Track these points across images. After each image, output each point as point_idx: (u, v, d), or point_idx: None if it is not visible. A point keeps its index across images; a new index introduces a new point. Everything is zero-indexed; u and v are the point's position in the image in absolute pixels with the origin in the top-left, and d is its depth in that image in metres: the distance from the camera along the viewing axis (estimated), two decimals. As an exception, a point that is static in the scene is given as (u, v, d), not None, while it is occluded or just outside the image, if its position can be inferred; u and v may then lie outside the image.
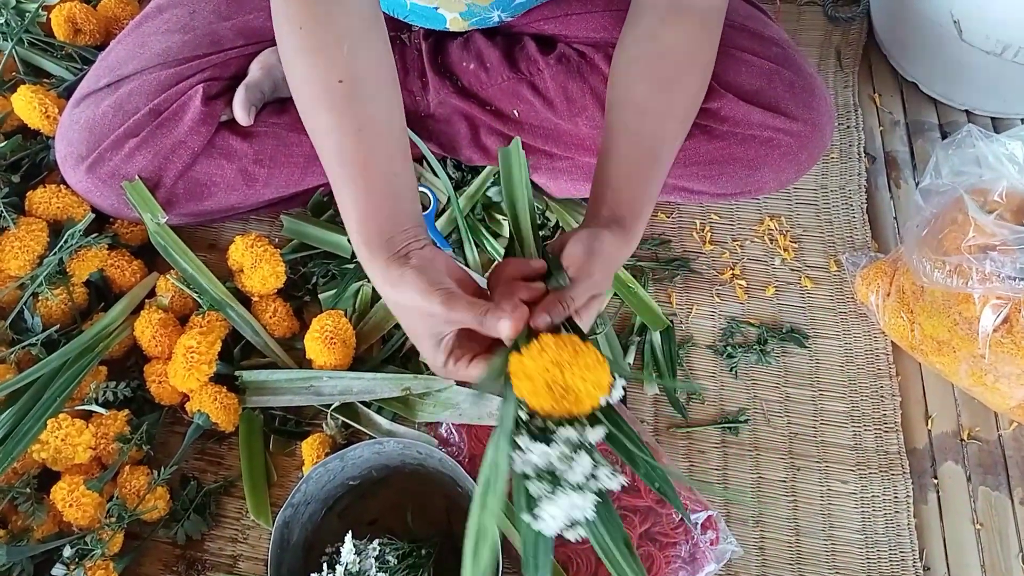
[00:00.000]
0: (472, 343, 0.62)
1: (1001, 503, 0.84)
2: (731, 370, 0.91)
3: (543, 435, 0.54)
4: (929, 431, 0.88)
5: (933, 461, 0.87)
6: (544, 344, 0.55)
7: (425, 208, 0.94)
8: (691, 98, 0.75)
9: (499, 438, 0.54)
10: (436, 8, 0.89)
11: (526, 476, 0.53)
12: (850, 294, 0.95)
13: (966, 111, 1.10)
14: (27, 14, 1.04)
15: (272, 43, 0.95)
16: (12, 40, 1.01)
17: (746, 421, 0.88)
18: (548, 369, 0.54)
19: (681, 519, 0.79)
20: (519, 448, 0.53)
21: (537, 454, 0.52)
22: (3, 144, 0.94)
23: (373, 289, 0.92)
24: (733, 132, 0.87)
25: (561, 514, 0.51)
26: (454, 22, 0.91)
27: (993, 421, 0.89)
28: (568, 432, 0.54)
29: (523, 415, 0.55)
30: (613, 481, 0.53)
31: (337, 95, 0.65)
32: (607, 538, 0.54)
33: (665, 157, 0.72)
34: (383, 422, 0.85)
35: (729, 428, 0.88)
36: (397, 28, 1.00)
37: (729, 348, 0.92)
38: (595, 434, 0.54)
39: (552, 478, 0.52)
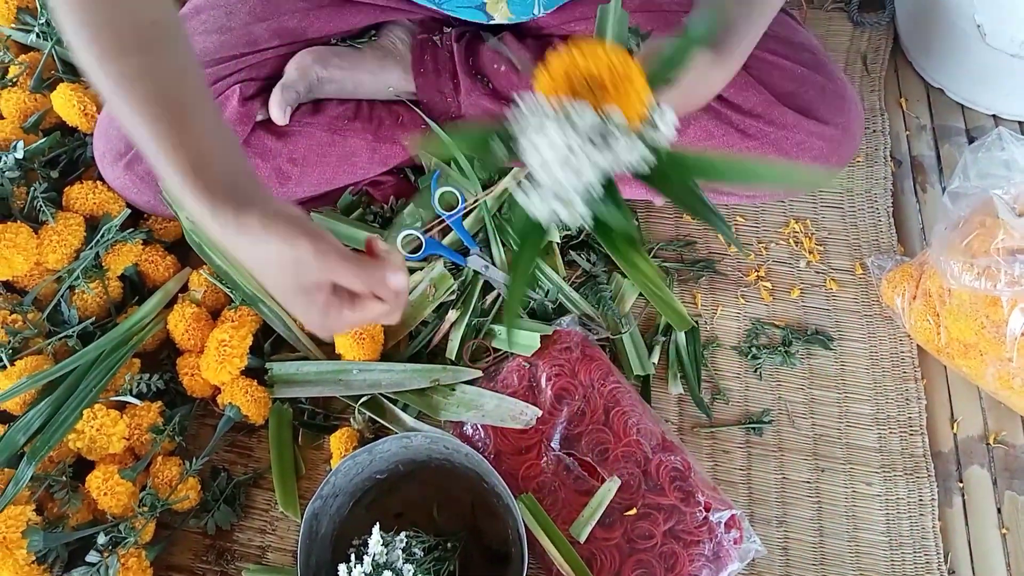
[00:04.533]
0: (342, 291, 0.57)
1: (1028, 508, 0.84)
2: (755, 371, 0.91)
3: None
4: (955, 434, 0.88)
5: (959, 464, 0.87)
6: (568, 47, 0.51)
7: (453, 208, 0.95)
8: None
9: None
10: None
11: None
12: (875, 297, 0.95)
13: (993, 115, 1.10)
14: (67, 14, 1.06)
15: (307, 44, 0.97)
16: (52, 39, 1.03)
17: (770, 422, 0.89)
18: (573, 60, 0.50)
19: (705, 518, 0.79)
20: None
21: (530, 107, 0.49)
22: (42, 141, 0.96)
23: (401, 286, 0.94)
24: (766, 132, 0.88)
25: (553, 168, 0.48)
26: (493, 3, 0.92)
27: (1020, 425, 0.88)
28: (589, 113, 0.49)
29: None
30: (663, 128, 0.50)
31: (151, 35, 0.57)
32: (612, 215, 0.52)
33: (767, 5, 0.70)
34: (408, 419, 0.86)
35: (753, 429, 0.88)
36: (429, 29, 1.01)
37: (754, 349, 0.92)
38: (616, 115, 0.50)
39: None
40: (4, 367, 0.83)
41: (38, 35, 1.05)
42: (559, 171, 0.48)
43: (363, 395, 0.87)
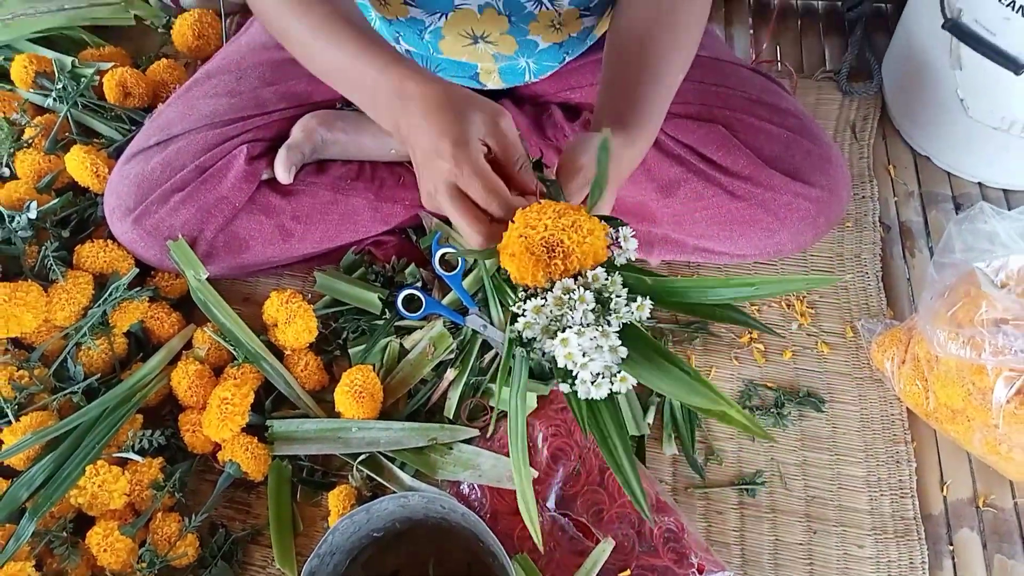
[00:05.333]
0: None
1: (1017, 572, 0.85)
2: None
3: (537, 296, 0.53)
4: (944, 497, 0.90)
5: (949, 527, 0.88)
6: (515, 218, 0.54)
7: (453, 268, 0.98)
8: (693, 35, 0.77)
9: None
10: (464, 58, 0.94)
11: (532, 345, 0.52)
12: (866, 360, 0.97)
13: (978, 183, 1.14)
14: (82, 79, 1.11)
15: (313, 107, 1.01)
16: (68, 103, 1.07)
17: (763, 483, 0.90)
18: (523, 236, 0.53)
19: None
20: (517, 316, 0.53)
21: (530, 312, 0.52)
22: (55, 201, 0.99)
23: (401, 345, 0.96)
24: (754, 193, 0.91)
25: (583, 359, 0.50)
26: (486, 74, 0.96)
27: (1009, 489, 0.90)
28: (566, 282, 0.53)
29: (525, 296, 0.55)
30: (635, 310, 0.52)
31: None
32: (646, 359, 0.53)
33: (668, 80, 0.73)
34: (405, 478, 0.87)
35: (746, 490, 0.89)
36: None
37: (747, 410, 0.94)
38: (600, 276, 0.53)
39: (557, 323, 0.51)
40: (10, 423, 0.84)
41: (55, 99, 1.08)
42: (589, 369, 0.51)
43: (361, 453, 0.88)
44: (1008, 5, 0.92)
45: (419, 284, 0.99)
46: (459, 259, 0.99)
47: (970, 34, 0.99)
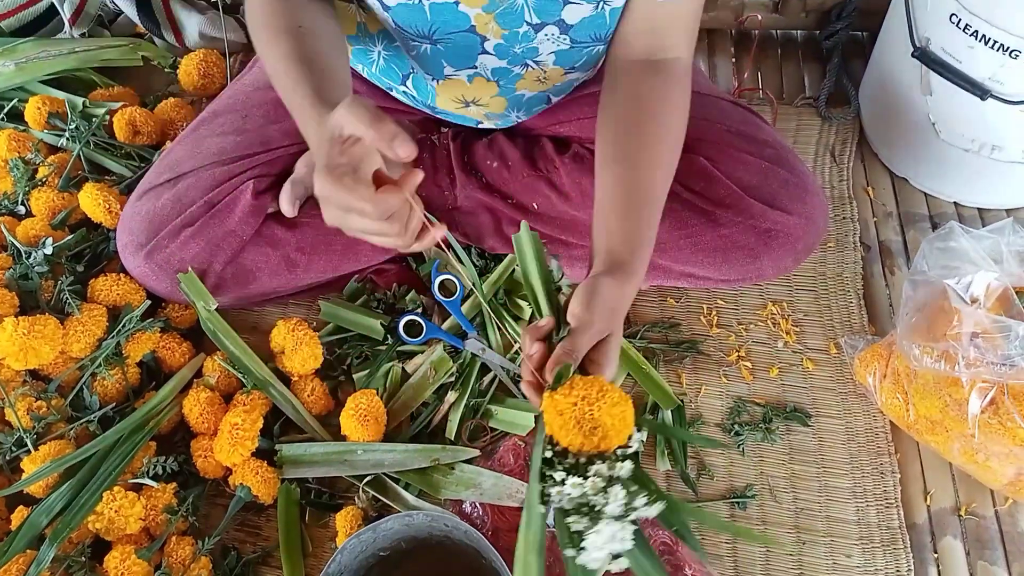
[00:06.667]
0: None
1: (1000, 578, 0.88)
2: (739, 447, 0.97)
3: (576, 469, 0.59)
4: (928, 506, 0.93)
5: (933, 536, 0.91)
6: (574, 382, 0.60)
7: (452, 294, 1.02)
8: (675, 146, 0.82)
9: (532, 474, 0.59)
10: (460, 115, 0.99)
11: (566, 513, 0.58)
12: (849, 375, 1.01)
13: (954, 203, 1.18)
14: (94, 119, 1.15)
15: (315, 143, 1.05)
16: (80, 142, 1.11)
17: (753, 496, 0.93)
18: (577, 404, 0.59)
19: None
20: (554, 482, 0.58)
21: (570, 485, 0.57)
22: (69, 237, 1.03)
23: (403, 369, 1.00)
24: (735, 221, 0.95)
25: (603, 544, 0.56)
26: (483, 119, 1.02)
27: (989, 497, 0.93)
28: (599, 467, 0.58)
29: (550, 454, 0.60)
30: (651, 508, 0.58)
31: (297, 32, 0.78)
32: (648, 565, 0.59)
33: (657, 203, 0.79)
34: (410, 498, 0.90)
35: (737, 503, 0.93)
36: (427, 129, 1.10)
37: (736, 426, 0.98)
38: (625, 468, 0.59)
39: (591, 511, 0.57)
40: (29, 452, 0.88)
41: (68, 138, 1.13)
42: (603, 550, 0.57)
43: (367, 475, 0.91)
44: (972, 35, 0.98)
45: (419, 310, 1.03)
46: (458, 285, 1.03)
47: (938, 62, 1.04)
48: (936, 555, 0.90)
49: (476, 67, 0.90)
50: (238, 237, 0.98)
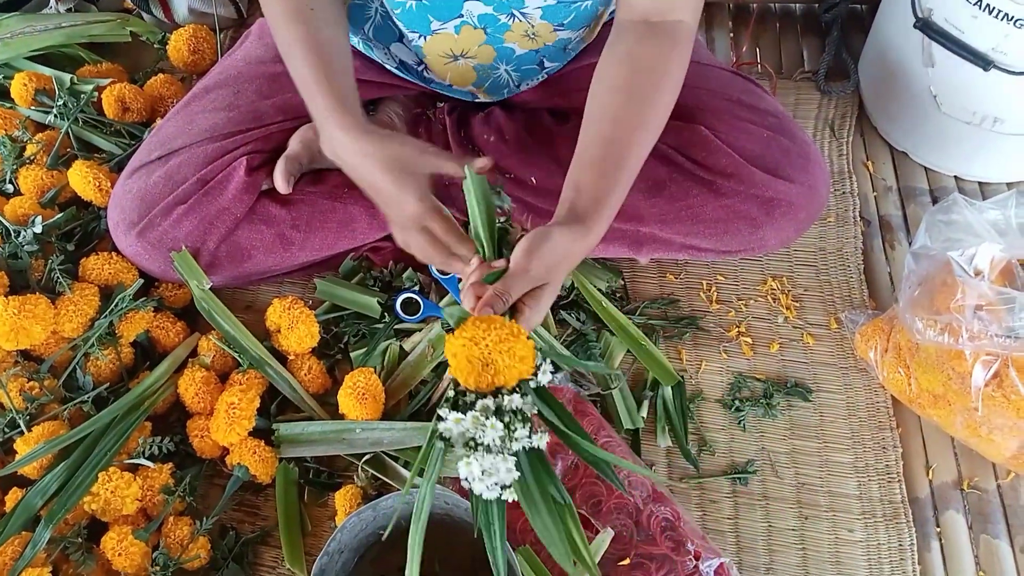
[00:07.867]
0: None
1: (1002, 550, 0.88)
2: (739, 423, 0.96)
3: (464, 406, 0.62)
4: (930, 481, 0.93)
5: (935, 510, 0.91)
6: (465, 325, 0.63)
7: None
8: (662, 110, 0.80)
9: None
10: (447, 77, 0.98)
11: (450, 443, 0.61)
12: (850, 350, 1.01)
13: (954, 176, 1.17)
14: (82, 95, 1.13)
15: (310, 118, 1.03)
16: (68, 120, 1.09)
17: (755, 472, 0.93)
18: (465, 345, 0.61)
19: (696, 567, 0.83)
20: (440, 418, 0.62)
21: (452, 420, 0.60)
22: (59, 215, 1.01)
23: (400, 348, 0.98)
24: (737, 190, 0.94)
25: (480, 475, 0.59)
26: (479, 94, 1.00)
27: (991, 471, 0.93)
28: (486, 401, 0.61)
29: (453, 393, 0.64)
30: (538, 439, 0.61)
31: (310, 16, 0.82)
32: (536, 495, 0.64)
33: (632, 164, 0.78)
34: (409, 476, 0.90)
35: (739, 479, 0.92)
36: (423, 104, 1.08)
37: (737, 402, 0.97)
38: (516, 401, 0.61)
39: (475, 445, 0.60)
40: (22, 433, 0.86)
41: (56, 115, 1.11)
42: (484, 481, 0.61)
43: (366, 453, 0.91)
44: (976, 4, 0.96)
45: (416, 288, 1.02)
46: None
47: (940, 32, 1.03)
48: (938, 529, 0.90)
49: (463, 15, 0.88)
50: (232, 215, 0.96)
